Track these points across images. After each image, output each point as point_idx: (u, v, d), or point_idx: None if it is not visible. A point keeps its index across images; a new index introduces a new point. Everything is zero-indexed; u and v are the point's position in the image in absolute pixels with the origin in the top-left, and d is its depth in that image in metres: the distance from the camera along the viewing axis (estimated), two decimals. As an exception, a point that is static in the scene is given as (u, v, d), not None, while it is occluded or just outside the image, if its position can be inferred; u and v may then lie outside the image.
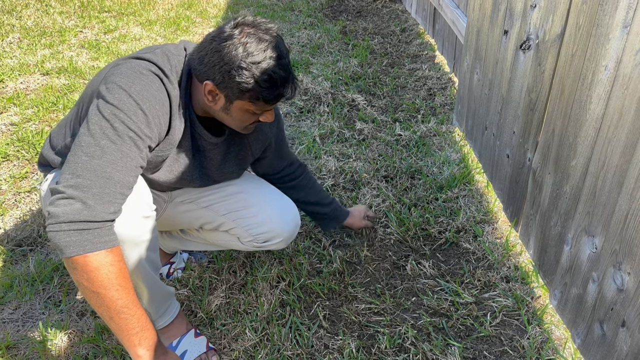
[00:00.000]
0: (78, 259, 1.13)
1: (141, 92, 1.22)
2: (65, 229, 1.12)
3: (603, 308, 1.40)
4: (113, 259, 1.17)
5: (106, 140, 1.17)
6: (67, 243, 1.12)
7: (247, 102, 1.30)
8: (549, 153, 1.70)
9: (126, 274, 1.19)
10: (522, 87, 1.90)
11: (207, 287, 1.81)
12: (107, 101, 1.20)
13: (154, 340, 1.26)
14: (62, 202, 1.13)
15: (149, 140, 1.25)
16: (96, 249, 1.14)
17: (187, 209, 1.64)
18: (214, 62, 1.25)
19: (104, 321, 1.21)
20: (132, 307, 1.20)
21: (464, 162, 2.53)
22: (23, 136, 2.72)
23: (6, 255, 1.97)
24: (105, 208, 1.15)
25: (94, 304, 1.18)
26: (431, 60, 3.76)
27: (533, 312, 1.72)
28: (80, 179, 1.14)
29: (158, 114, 1.26)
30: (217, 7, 5.29)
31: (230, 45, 1.23)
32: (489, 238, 2.05)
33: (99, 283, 1.15)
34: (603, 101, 1.36)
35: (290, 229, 1.65)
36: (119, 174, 1.18)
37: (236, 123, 1.38)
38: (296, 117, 3.01)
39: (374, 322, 1.70)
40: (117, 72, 1.25)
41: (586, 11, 1.43)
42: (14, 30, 4.31)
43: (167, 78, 1.29)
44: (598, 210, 1.41)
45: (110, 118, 1.18)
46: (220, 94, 1.30)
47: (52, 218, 1.12)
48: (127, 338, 1.22)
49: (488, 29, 2.25)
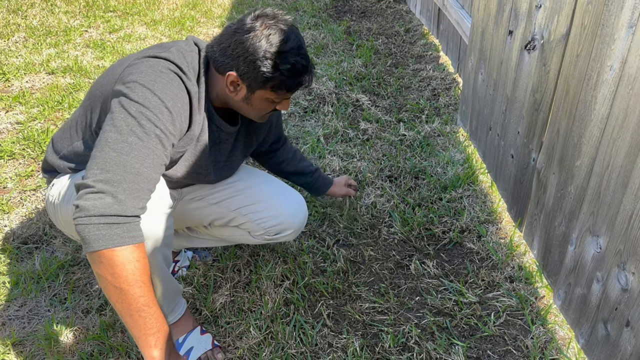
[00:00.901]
0: (105, 253, 1.13)
1: (164, 90, 1.24)
2: (95, 222, 1.12)
3: (607, 308, 1.41)
4: (139, 255, 1.17)
5: (134, 137, 1.18)
6: (97, 236, 1.12)
7: (269, 91, 1.35)
8: (554, 153, 1.70)
9: (149, 272, 1.20)
10: (526, 87, 1.90)
11: (212, 285, 1.82)
12: (131, 99, 1.21)
13: (169, 342, 1.26)
14: (92, 196, 1.13)
15: (173, 138, 1.27)
16: (125, 243, 1.14)
17: (197, 206, 1.65)
18: (238, 54, 1.30)
19: (122, 318, 1.20)
20: (152, 306, 1.20)
21: (468, 162, 2.53)
22: (28, 135, 2.73)
23: (12, 253, 1.98)
24: (135, 203, 1.17)
25: (115, 300, 1.17)
26: (435, 61, 3.77)
27: (537, 312, 1.73)
28: (110, 174, 1.15)
29: (180, 112, 1.28)
30: (222, 7, 5.31)
31: (254, 37, 1.28)
32: (493, 238, 2.06)
33: (123, 278, 1.14)
34: (608, 101, 1.36)
35: (300, 220, 1.69)
36: (146, 171, 1.19)
37: (255, 112, 1.43)
38: (300, 117, 3.02)
39: (378, 321, 1.70)
40: (135, 71, 1.26)
41: (591, 11, 1.44)
42: (19, 29, 4.33)
43: (186, 75, 1.31)
44: (602, 210, 1.41)
45: (137, 115, 1.19)
46: (242, 85, 1.34)
47: (81, 211, 1.12)
48: (144, 338, 1.21)
49: (493, 29, 2.26)
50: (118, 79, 1.29)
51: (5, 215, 2.19)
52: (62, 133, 1.49)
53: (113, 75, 1.36)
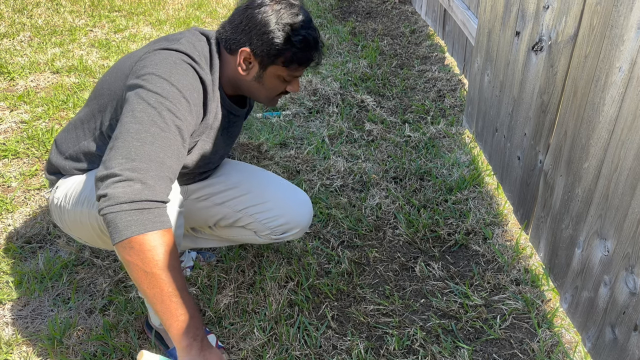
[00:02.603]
0: (137, 239, 1.12)
1: (181, 80, 1.26)
2: (127, 209, 1.12)
3: (615, 312, 1.39)
4: (169, 239, 1.17)
5: (155, 128, 1.19)
6: (129, 223, 1.12)
7: (281, 66, 1.36)
8: (561, 155, 1.68)
9: (178, 257, 1.19)
10: (533, 88, 1.89)
11: (216, 286, 1.81)
12: (150, 90, 1.22)
13: (200, 330, 1.22)
14: (120, 184, 1.13)
15: (191, 128, 1.29)
16: (156, 228, 1.14)
17: (203, 207, 1.64)
18: (250, 28, 1.32)
19: (151, 304, 1.17)
20: (184, 292, 1.18)
21: (474, 163, 2.52)
22: (33, 134, 2.73)
23: (15, 252, 1.98)
24: (164, 189, 1.17)
25: (146, 286, 1.15)
26: (441, 62, 3.75)
27: (543, 315, 1.71)
28: (137, 162, 1.15)
29: (197, 102, 1.30)
30: (227, 8, 5.31)
31: (265, 11, 1.31)
32: (499, 240, 2.04)
33: (154, 263, 1.13)
34: (617, 103, 1.34)
35: (306, 219, 1.68)
36: (169, 160, 1.20)
37: (266, 92, 1.43)
38: (305, 118, 3.01)
39: (383, 324, 1.69)
40: (150, 64, 1.27)
41: (600, 12, 1.42)
42: (24, 28, 4.34)
43: (198, 64, 1.33)
44: (610, 213, 1.39)
45: (157, 106, 1.20)
46: (254, 61, 1.35)
47: (110, 199, 1.12)
48: (176, 325, 1.17)
49: (499, 30, 2.24)
50: (130, 73, 1.30)
51: (9, 215, 2.19)
52: (67, 134, 1.48)
53: (122, 71, 1.36)
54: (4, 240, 2.04)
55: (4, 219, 2.17)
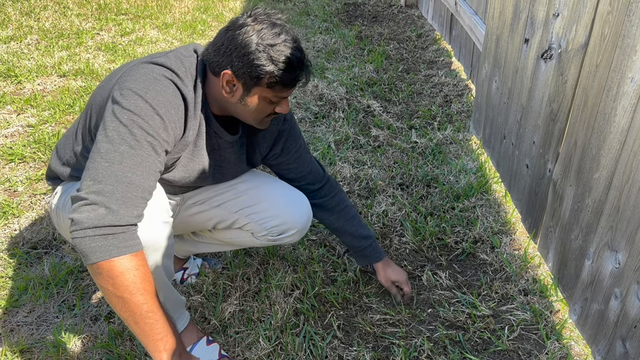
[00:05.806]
0: (103, 264, 1.13)
1: (156, 97, 1.24)
2: (90, 235, 1.12)
3: (626, 325, 1.37)
4: (138, 263, 1.16)
5: (125, 146, 1.18)
6: (93, 249, 1.12)
7: (265, 88, 1.31)
8: (571, 165, 1.66)
9: (150, 278, 1.19)
10: (543, 96, 1.87)
11: (221, 293, 1.80)
12: (123, 107, 1.20)
13: (179, 345, 1.25)
14: (85, 208, 1.13)
15: (166, 145, 1.26)
16: (122, 253, 1.14)
17: (199, 210, 1.64)
18: (231, 50, 1.27)
19: (128, 326, 1.20)
20: (157, 311, 1.20)
21: (481, 171, 2.50)
22: (39, 138, 2.73)
23: (21, 258, 1.98)
24: (129, 212, 1.16)
25: (119, 309, 1.17)
26: (447, 67, 3.73)
27: (552, 327, 1.69)
28: (102, 184, 1.14)
29: (174, 119, 1.27)
30: (233, 11, 5.31)
31: (246, 31, 1.27)
32: (507, 249, 2.02)
33: (124, 287, 1.14)
34: (629, 114, 1.33)
35: (303, 220, 1.64)
36: (139, 179, 1.18)
37: (253, 115, 1.38)
38: (311, 123, 3.00)
39: (389, 334, 1.68)
40: (130, 78, 1.25)
41: (612, 22, 1.40)
42: (32, 32, 4.35)
43: (182, 81, 1.30)
44: (622, 225, 1.37)
45: (128, 124, 1.19)
46: (238, 84, 1.31)
47: (76, 225, 1.12)
48: (153, 343, 1.20)
49: (508, 36, 2.22)
50: (115, 83, 1.29)
51: (15, 219, 2.19)
52: (65, 140, 1.49)
53: (112, 80, 1.36)
54: (10, 245, 2.04)
55: (10, 223, 2.17)
